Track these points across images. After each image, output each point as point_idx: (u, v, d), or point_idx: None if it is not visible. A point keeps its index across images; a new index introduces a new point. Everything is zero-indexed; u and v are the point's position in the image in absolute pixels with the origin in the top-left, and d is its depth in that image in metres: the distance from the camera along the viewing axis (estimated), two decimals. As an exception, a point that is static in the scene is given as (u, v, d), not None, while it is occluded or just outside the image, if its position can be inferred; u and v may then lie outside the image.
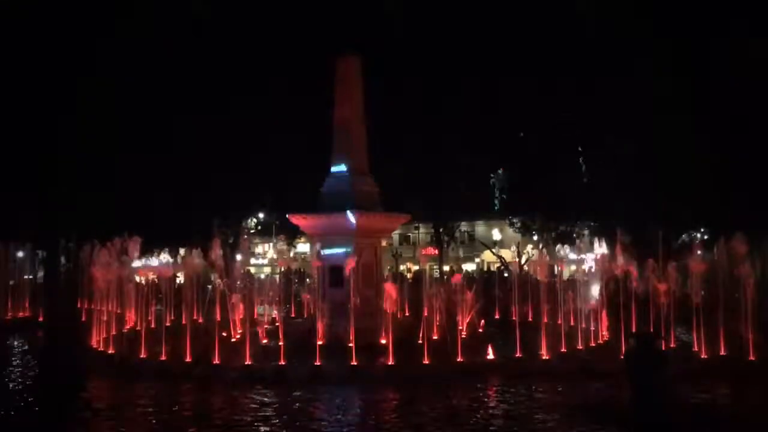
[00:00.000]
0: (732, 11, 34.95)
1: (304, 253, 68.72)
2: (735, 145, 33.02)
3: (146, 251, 34.56)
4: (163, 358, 19.37)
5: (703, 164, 33.06)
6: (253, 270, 56.52)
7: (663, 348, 15.46)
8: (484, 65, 43.40)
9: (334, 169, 25.28)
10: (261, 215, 57.55)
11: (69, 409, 15.31)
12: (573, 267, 37.76)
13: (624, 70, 39.31)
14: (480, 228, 67.92)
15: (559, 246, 28.86)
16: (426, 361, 18.37)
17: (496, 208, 60.31)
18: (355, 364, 18.16)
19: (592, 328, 23.59)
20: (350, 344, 19.14)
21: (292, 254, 67.76)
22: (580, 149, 45.05)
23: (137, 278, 29.08)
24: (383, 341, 19.89)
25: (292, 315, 30.74)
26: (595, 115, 41.75)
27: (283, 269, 36.99)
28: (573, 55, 41.18)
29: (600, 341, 22.59)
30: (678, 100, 36.03)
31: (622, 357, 15.44)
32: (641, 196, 35.70)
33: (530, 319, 26.84)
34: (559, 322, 23.06)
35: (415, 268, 57.29)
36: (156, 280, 29.69)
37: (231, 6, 44.07)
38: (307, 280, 39.00)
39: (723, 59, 34.73)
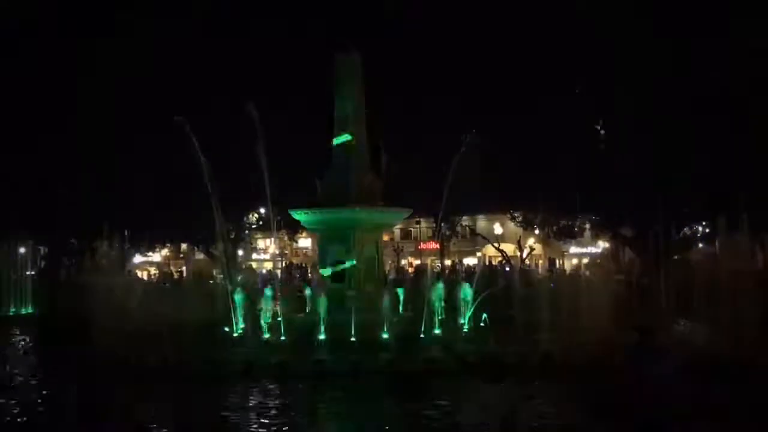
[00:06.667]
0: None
1: (306, 248, 68.86)
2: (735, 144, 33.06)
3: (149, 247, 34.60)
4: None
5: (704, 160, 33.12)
6: (254, 265, 56.61)
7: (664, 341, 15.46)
8: (483, 64, 43.35)
9: (334, 163, 25.29)
10: (262, 210, 57.56)
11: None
12: (575, 261, 37.78)
13: (625, 70, 39.25)
14: (481, 222, 67.86)
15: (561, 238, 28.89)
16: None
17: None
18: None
19: (594, 322, 23.60)
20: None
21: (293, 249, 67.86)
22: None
23: (138, 274, 29.15)
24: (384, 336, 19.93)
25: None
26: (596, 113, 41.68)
27: (285, 264, 37.04)
28: (575, 53, 41.08)
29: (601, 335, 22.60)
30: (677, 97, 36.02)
31: (623, 351, 15.45)
32: (643, 191, 35.74)
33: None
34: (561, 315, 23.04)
35: (417, 262, 57.35)
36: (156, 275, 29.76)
37: (231, 4, 44.09)
38: (309, 274, 39.06)
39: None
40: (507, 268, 45.06)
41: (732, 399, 15.00)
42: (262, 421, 13.56)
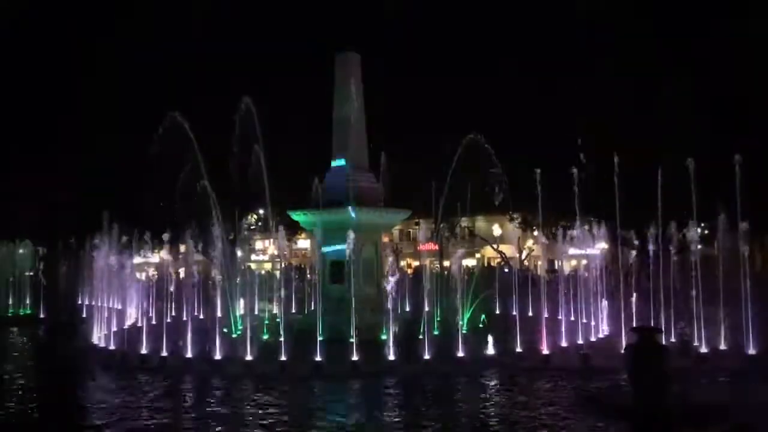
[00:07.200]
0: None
1: (305, 249, 68.80)
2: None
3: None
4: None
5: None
6: (253, 266, 56.55)
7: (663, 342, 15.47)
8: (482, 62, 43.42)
9: (334, 164, 25.29)
10: (261, 211, 57.51)
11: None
12: (574, 262, 37.78)
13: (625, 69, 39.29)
14: (480, 223, 67.81)
15: (559, 239, 28.86)
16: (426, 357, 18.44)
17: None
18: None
19: (593, 323, 23.66)
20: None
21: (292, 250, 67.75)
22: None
23: (137, 275, 29.11)
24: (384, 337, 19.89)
25: (293, 311, 30.80)
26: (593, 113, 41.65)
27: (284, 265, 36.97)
28: (573, 55, 41.14)
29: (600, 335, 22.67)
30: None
31: (623, 351, 15.47)
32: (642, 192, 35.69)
33: (530, 314, 26.95)
34: (560, 317, 23.04)
35: (416, 263, 57.29)
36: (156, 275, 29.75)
37: (232, 3, 44.23)
38: (308, 275, 39.01)
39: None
40: (506, 269, 45.09)
41: (731, 399, 15.01)
42: (259, 422, 13.55)
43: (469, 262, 61.37)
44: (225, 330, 22.16)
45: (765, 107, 34.02)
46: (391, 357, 18.42)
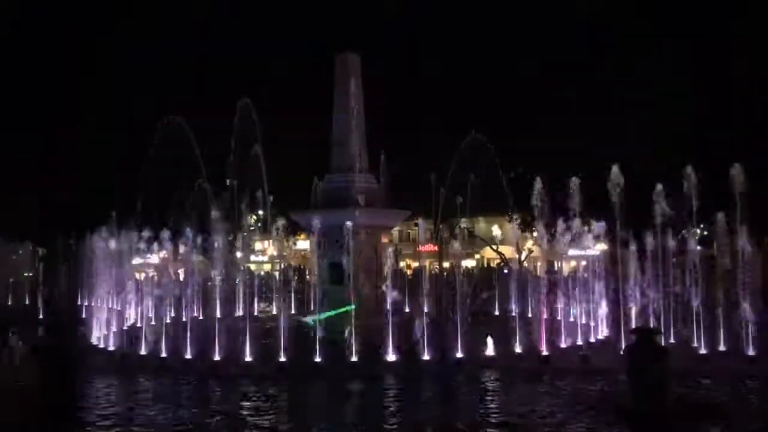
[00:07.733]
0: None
1: (304, 250, 68.69)
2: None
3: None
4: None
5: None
6: (252, 267, 56.49)
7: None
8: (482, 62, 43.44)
9: (333, 165, 25.26)
10: (260, 212, 57.49)
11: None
12: (573, 263, 37.74)
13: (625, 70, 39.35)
14: (480, 224, 67.74)
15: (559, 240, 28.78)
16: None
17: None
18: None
19: (592, 324, 23.63)
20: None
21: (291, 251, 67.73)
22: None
23: (136, 275, 29.08)
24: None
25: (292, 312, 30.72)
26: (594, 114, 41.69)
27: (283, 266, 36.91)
28: (573, 54, 41.17)
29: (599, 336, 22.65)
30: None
31: (621, 352, 15.47)
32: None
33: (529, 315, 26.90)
34: (558, 317, 23.01)
35: (415, 264, 57.21)
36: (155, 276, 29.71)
37: (232, 3, 44.27)
38: (308, 276, 38.97)
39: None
40: (505, 270, 45.11)
41: (730, 399, 15.02)
42: (258, 421, 13.54)
43: (469, 263, 61.31)
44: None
45: (765, 107, 34.04)
46: (390, 358, 18.39)
